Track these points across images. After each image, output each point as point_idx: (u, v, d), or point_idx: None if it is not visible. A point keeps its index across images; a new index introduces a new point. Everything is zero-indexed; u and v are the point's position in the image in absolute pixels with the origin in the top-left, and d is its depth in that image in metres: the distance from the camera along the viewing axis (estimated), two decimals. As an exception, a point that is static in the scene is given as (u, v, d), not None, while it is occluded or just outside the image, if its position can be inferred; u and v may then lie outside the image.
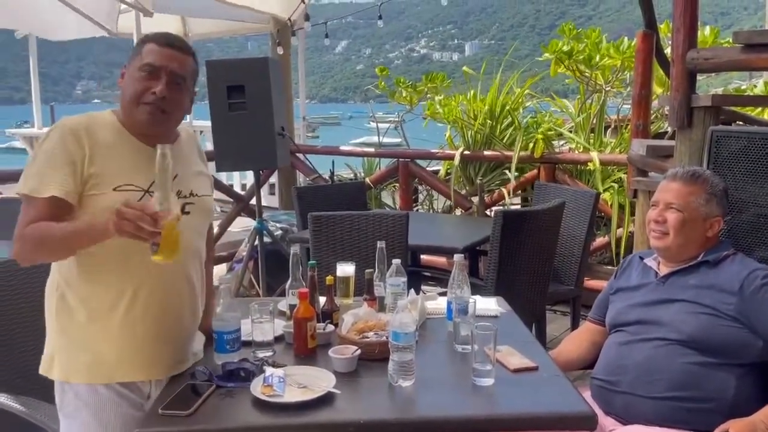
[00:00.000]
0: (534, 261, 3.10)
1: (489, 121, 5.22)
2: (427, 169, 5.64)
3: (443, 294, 2.15)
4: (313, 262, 2.02)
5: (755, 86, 5.27)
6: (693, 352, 1.81)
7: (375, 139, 6.81)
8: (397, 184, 5.57)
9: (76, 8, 4.20)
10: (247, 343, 1.78)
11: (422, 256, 4.70)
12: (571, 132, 5.16)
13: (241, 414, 1.50)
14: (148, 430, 1.44)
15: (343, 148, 6.45)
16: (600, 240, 4.62)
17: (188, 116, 7.60)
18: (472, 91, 5.57)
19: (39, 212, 1.55)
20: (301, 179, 6.08)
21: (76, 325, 1.63)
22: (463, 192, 5.33)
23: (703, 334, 1.81)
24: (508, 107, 5.28)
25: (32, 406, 1.85)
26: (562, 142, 5.34)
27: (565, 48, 5.00)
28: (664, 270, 1.99)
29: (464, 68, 6.04)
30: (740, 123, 3.74)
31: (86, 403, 1.64)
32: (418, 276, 3.87)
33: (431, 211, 5.90)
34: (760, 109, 4.56)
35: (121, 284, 1.63)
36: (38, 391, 1.86)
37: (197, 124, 7.62)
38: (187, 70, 1.67)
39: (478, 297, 2.10)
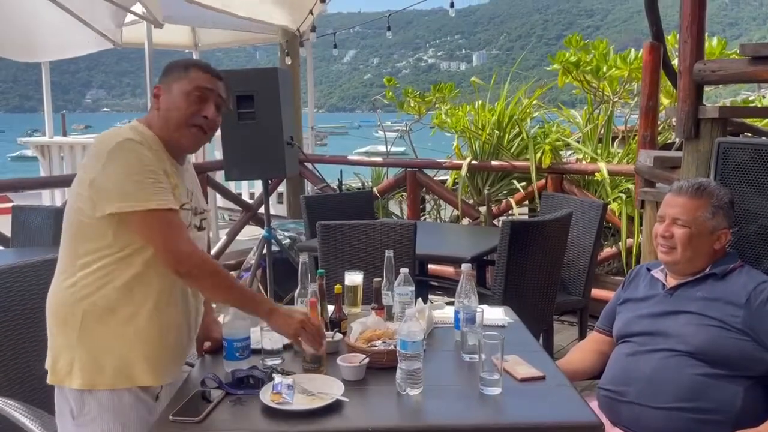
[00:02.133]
0: (541, 271, 3.11)
1: (497, 131, 5.24)
2: (435, 178, 5.66)
3: (451, 303, 2.16)
4: (322, 270, 2.04)
5: (764, 97, 5.27)
6: (700, 364, 1.81)
7: (380, 147, 6.84)
8: (405, 194, 5.59)
9: (82, 19, 4.25)
10: (257, 351, 1.80)
11: (430, 266, 4.71)
12: (578, 142, 5.17)
13: (250, 421, 1.51)
14: (158, 437, 1.46)
15: (351, 157, 6.48)
16: (608, 250, 4.62)
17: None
18: (479, 101, 5.60)
19: (173, 221, 1.64)
20: (310, 188, 6.11)
21: (104, 330, 1.66)
22: (471, 201, 5.34)
23: (710, 346, 1.81)
24: (515, 117, 5.30)
25: (32, 414, 1.84)
26: (569, 153, 5.35)
27: (573, 59, 5.02)
28: (671, 282, 1.99)
29: (472, 78, 6.07)
30: (748, 134, 3.74)
31: (109, 409, 1.66)
32: (425, 285, 3.88)
33: (439, 220, 5.92)
34: (767, 120, 4.55)
35: (146, 293, 1.68)
36: (38, 400, 1.89)
37: (206, 133, 7.66)
38: (223, 90, 1.77)
39: (485, 306, 2.10)
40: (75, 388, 1.66)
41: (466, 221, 5.33)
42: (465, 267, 2.03)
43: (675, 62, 3.39)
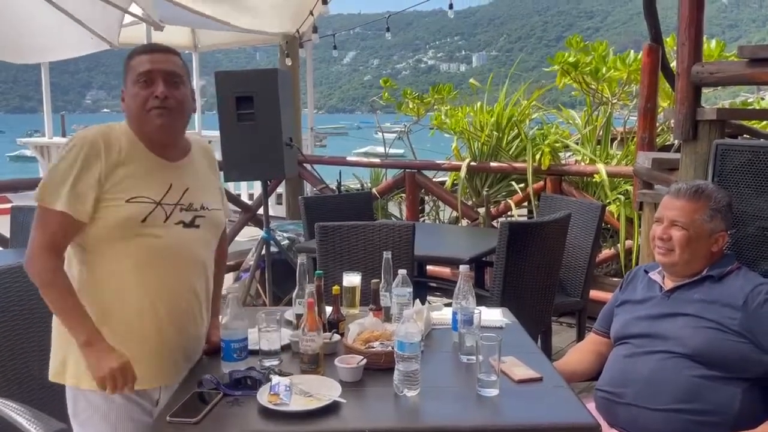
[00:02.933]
0: (540, 272, 3.11)
1: (495, 133, 5.25)
2: (434, 179, 5.66)
3: (449, 305, 2.16)
4: (320, 271, 2.04)
5: (762, 99, 5.28)
6: (698, 366, 1.81)
7: (379, 148, 6.84)
8: (404, 195, 5.59)
9: (78, 20, 4.25)
10: (254, 352, 1.80)
11: (428, 267, 4.72)
12: (577, 144, 5.17)
13: (248, 422, 1.52)
14: (156, 437, 1.46)
15: (350, 158, 6.48)
16: (606, 252, 4.63)
17: (197, 126, 7.68)
18: (478, 103, 5.61)
19: (50, 225, 1.62)
20: (309, 189, 6.12)
21: None
22: (470, 203, 5.35)
23: (707, 348, 1.81)
24: (514, 119, 5.31)
25: (30, 415, 1.84)
26: (568, 154, 5.36)
27: (572, 60, 5.03)
28: (669, 284, 1.99)
29: (471, 80, 6.08)
30: (747, 136, 3.75)
31: (97, 409, 1.66)
32: (424, 286, 3.88)
33: (437, 221, 5.92)
34: (766, 122, 4.56)
35: (139, 296, 1.68)
36: (37, 401, 1.90)
37: (206, 134, 7.67)
38: (178, 67, 1.72)
39: (483, 308, 2.11)
40: (69, 386, 1.68)
41: (464, 222, 5.34)
42: (463, 268, 2.03)
43: (674, 64, 3.39)
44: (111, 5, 4.01)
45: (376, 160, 6.50)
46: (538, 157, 4.76)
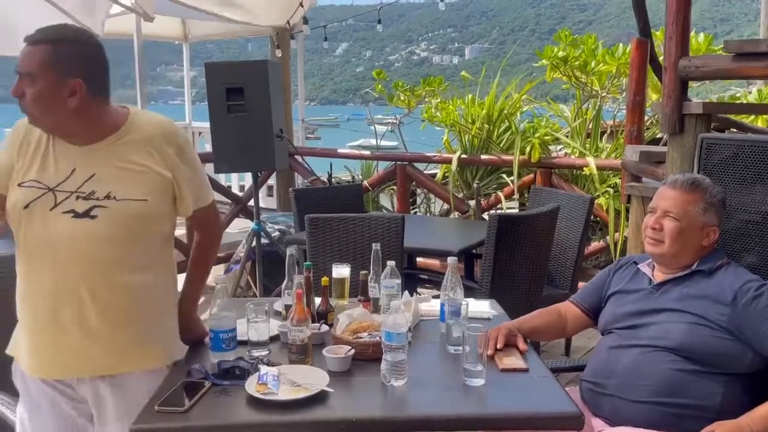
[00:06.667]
0: (528, 264, 3.14)
1: (486, 126, 5.26)
2: (425, 172, 5.68)
3: (437, 297, 2.18)
4: (309, 263, 2.05)
5: (749, 93, 5.32)
6: (681, 359, 1.82)
7: (373, 140, 6.84)
8: (395, 187, 5.60)
9: (60, 8, 4.21)
10: (243, 343, 1.81)
11: (418, 259, 4.74)
12: (567, 137, 5.20)
13: (236, 411, 1.53)
14: (143, 426, 1.47)
15: (341, 150, 6.49)
16: (595, 244, 4.66)
17: (187, 117, 7.65)
18: (470, 95, 5.61)
19: None
20: (299, 181, 6.12)
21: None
22: (460, 195, 5.37)
23: (692, 342, 1.82)
24: (505, 112, 5.32)
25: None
26: (558, 147, 5.38)
27: (561, 54, 5.04)
28: (658, 277, 2.00)
29: (462, 72, 6.09)
30: (734, 130, 3.78)
31: (17, 377, 1.76)
32: (414, 278, 3.90)
33: (428, 213, 5.94)
34: (753, 116, 4.60)
35: (23, 285, 1.68)
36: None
37: (196, 126, 7.65)
38: (30, 63, 1.56)
39: (471, 299, 2.13)
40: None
41: (455, 215, 5.36)
42: (451, 260, 2.05)
43: (662, 58, 3.41)
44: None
45: (367, 153, 6.51)
46: (528, 150, 4.79)
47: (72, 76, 1.57)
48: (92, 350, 1.66)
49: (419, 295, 2.36)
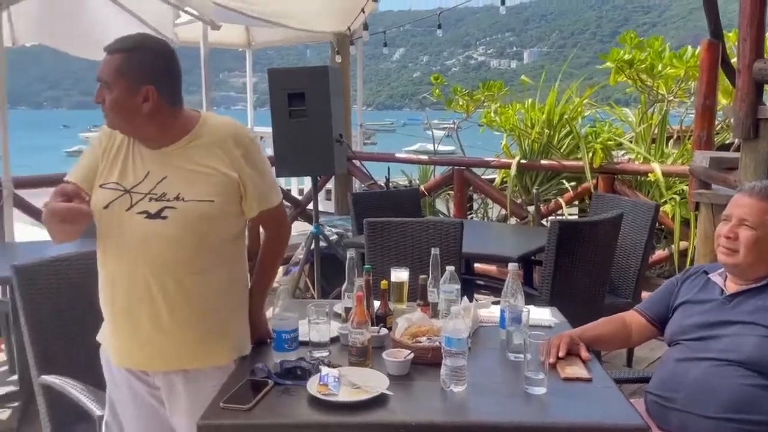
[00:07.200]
0: (590, 272, 3.07)
1: (546, 130, 5.18)
2: (483, 177, 5.63)
3: (496, 303, 2.16)
4: (368, 266, 2.07)
5: (830, 96, 5.05)
6: (751, 374, 1.76)
7: (429, 146, 6.83)
8: (452, 192, 5.58)
9: (139, 17, 4.41)
10: (304, 343, 1.84)
11: (475, 265, 4.70)
12: (631, 142, 5.06)
13: (297, 411, 1.56)
14: (209, 422, 1.52)
15: (399, 155, 6.51)
16: (659, 253, 4.52)
17: (249, 121, 7.83)
18: (529, 100, 5.54)
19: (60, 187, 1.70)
20: (357, 185, 6.17)
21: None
22: (519, 201, 5.30)
23: (762, 356, 1.75)
24: (566, 116, 5.23)
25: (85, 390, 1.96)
26: (621, 153, 5.25)
27: (626, 57, 4.92)
28: (731, 288, 1.92)
29: (522, 77, 6.02)
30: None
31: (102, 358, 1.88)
32: (470, 284, 3.88)
33: (486, 219, 5.89)
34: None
35: (105, 278, 1.77)
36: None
37: (258, 130, 7.82)
38: (107, 71, 1.65)
39: (531, 306, 2.10)
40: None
41: (513, 220, 5.29)
42: (512, 266, 2.03)
43: (735, 60, 3.29)
44: (169, 4, 4.14)
45: (425, 157, 6.51)
46: (590, 155, 4.68)
47: (144, 83, 1.64)
48: (165, 346, 1.73)
49: (477, 300, 2.35)
